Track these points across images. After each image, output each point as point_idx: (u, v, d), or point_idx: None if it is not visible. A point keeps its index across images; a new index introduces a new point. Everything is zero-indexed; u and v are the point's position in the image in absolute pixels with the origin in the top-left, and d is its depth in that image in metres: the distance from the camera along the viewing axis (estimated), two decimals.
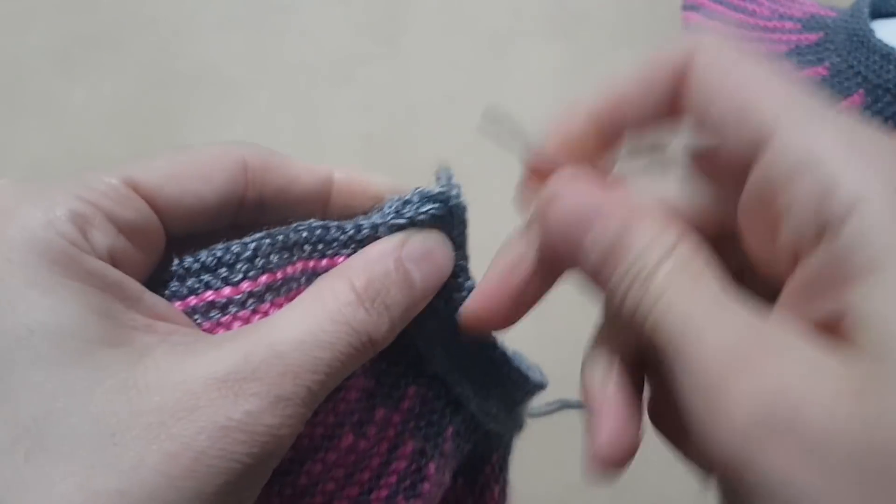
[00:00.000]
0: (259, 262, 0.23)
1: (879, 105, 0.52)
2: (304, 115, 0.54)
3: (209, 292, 0.22)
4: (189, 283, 0.23)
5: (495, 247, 0.53)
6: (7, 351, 0.19)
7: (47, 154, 0.51)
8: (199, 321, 0.22)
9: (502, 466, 0.30)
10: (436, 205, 0.25)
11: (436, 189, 0.25)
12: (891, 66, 0.51)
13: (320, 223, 0.24)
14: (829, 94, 0.54)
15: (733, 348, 0.18)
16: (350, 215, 0.25)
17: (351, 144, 0.53)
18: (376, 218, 0.24)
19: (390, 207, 0.24)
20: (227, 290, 0.22)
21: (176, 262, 0.23)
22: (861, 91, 0.52)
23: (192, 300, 0.22)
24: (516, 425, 0.30)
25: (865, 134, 0.18)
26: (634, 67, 0.23)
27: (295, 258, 0.23)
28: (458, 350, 0.26)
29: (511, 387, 0.28)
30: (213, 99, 0.54)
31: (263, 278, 0.23)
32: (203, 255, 0.23)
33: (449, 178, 0.26)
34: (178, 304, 0.22)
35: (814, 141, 0.18)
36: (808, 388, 0.16)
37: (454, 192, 0.25)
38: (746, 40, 0.57)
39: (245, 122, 0.53)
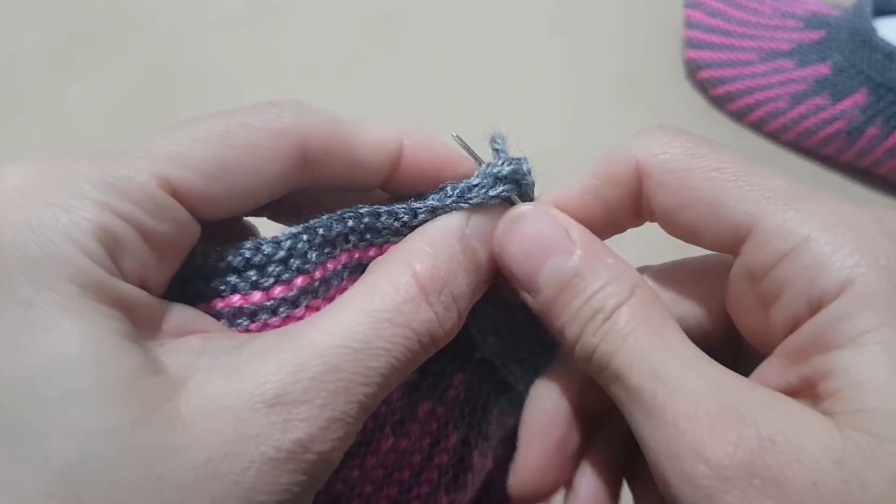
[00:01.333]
0: (294, 262, 0.20)
1: (882, 103, 0.52)
2: None
3: (237, 296, 0.20)
4: (214, 283, 0.20)
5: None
6: (35, 385, 0.16)
7: (44, 153, 0.51)
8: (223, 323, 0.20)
9: None
10: (507, 186, 0.22)
11: (505, 167, 0.22)
12: (893, 65, 0.51)
13: (369, 209, 0.21)
14: (831, 92, 0.53)
15: (713, 400, 0.18)
16: (412, 188, 0.22)
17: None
18: (434, 200, 0.21)
19: (453, 191, 0.21)
20: (256, 296, 0.20)
21: (200, 258, 0.20)
22: (864, 89, 0.52)
23: (218, 303, 0.20)
24: None
25: (847, 211, 0.19)
26: (584, 185, 0.22)
27: (338, 251, 0.21)
28: (510, 332, 0.24)
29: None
30: (211, 98, 0.54)
31: (298, 281, 0.20)
32: (231, 254, 0.20)
33: (504, 149, 0.23)
34: (201, 305, 0.20)
35: (797, 226, 0.19)
36: (792, 447, 0.17)
37: (525, 169, 0.23)
38: (747, 39, 0.56)
39: None
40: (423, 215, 0.21)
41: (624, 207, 0.21)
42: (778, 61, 0.55)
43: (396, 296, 0.19)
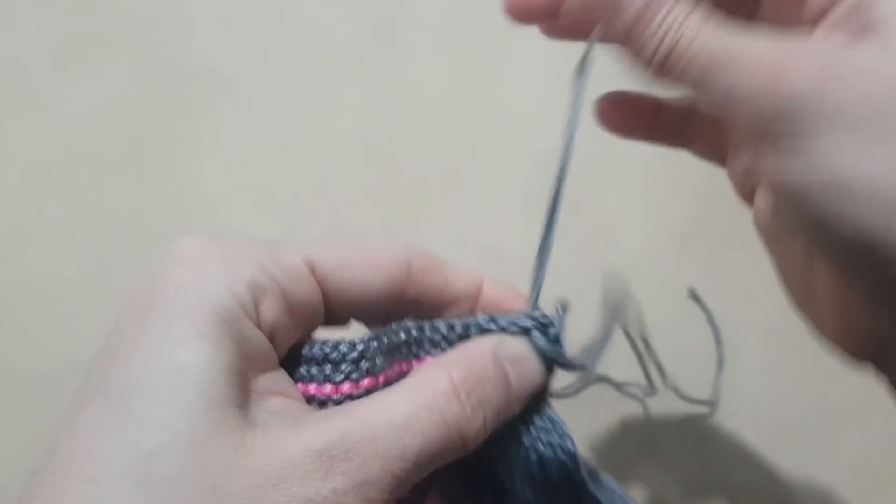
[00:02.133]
0: (364, 364, 0.24)
1: None
2: (304, 114, 0.54)
3: (312, 385, 0.24)
4: (298, 367, 0.24)
5: (498, 245, 0.53)
6: (152, 385, 0.20)
7: (44, 153, 0.51)
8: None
9: None
10: (534, 329, 0.25)
11: (540, 315, 0.26)
12: None
13: (415, 323, 0.24)
14: None
15: (779, 46, 0.23)
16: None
17: (351, 144, 0.53)
18: (469, 319, 0.25)
19: (488, 318, 0.25)
20: (327, 388, 0.23)
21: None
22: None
23: (300, 387, 0.24)
24: None
25: None
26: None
27: (400, 358, 0.24)
28: (543, 485, 0.26)
29: None
30: (211, 98, 0.54)
31: (365, 382, 0.24)
32: (315, 346, 0.24)
33: (560, 317, 0.26)
34: (312, 387, 0.24)
35: None
36: (850, 55, 0.22)
37: (555, 328, 0.26)
38: None
39: (244, 121, 0.53)
40: (458, 329, 0.25)
41: None
42: None
43: (434, 390, 0.23)
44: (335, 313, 0.26)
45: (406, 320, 0.25)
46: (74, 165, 0.51)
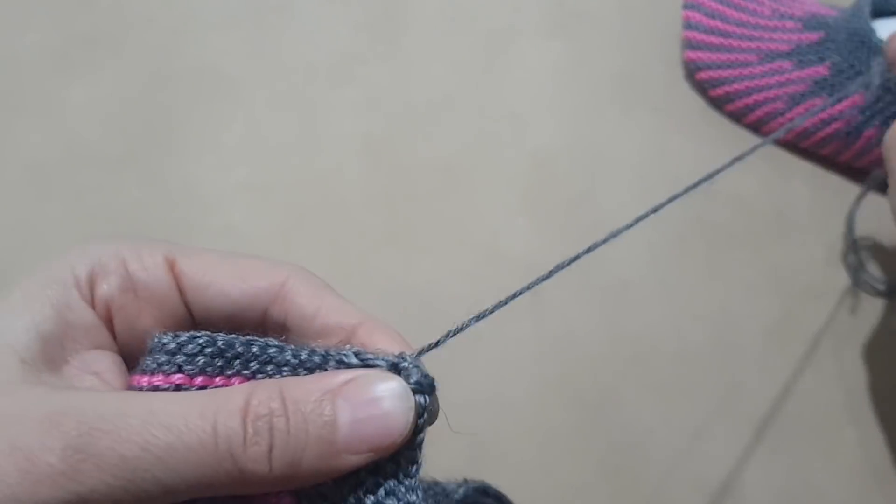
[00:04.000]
0: (199, 360, 0.21)
1: (880, 104, 0.52)
2: (304, 114, 0.54)
3: (150, 376, 0.22)
4: (146, 359, 0.22)
5: (495, 245, 0.53)
6: None
7: (46, 153, 0.51)
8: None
9: None
10: (403, 372, 0.21)
11: (414, 362, 0.21)
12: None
13: (277, 344, 0.22)
14: (830, 93, 0.53)
15: None
16: None
17: (351, 144, 0.53)
18: (332, 349, 0.21)
19: (353, 351, 0.21)
20: (157, 378, 0.21)
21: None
22: (862, 90, 0.52)
23: (135, 378, 0.22)
24: None
25: None
26: None
27: (238, 371, 0.21)
28: None
29: None
30: (212, 98, 0.54)
31: (198, 380, 0.21)
32: (163, 336, 0.22)
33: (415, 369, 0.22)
34: (134, 378, 0.22)
35: None
36: None
37: (429, 380, 0.22)
38: (746, 40, 0.56)
39: (244, 121, 0.53)
40: (317, 358, 0.21)
41: None
42: (776, 62, 0.55)
43: (224, 400, 0.19)
44: (199, 318, 0.24)
45: (269, 340, 0.22)
46: (75, 165, 0.51)
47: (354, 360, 0.21)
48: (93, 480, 0.17)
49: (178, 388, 0.21)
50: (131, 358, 0.23)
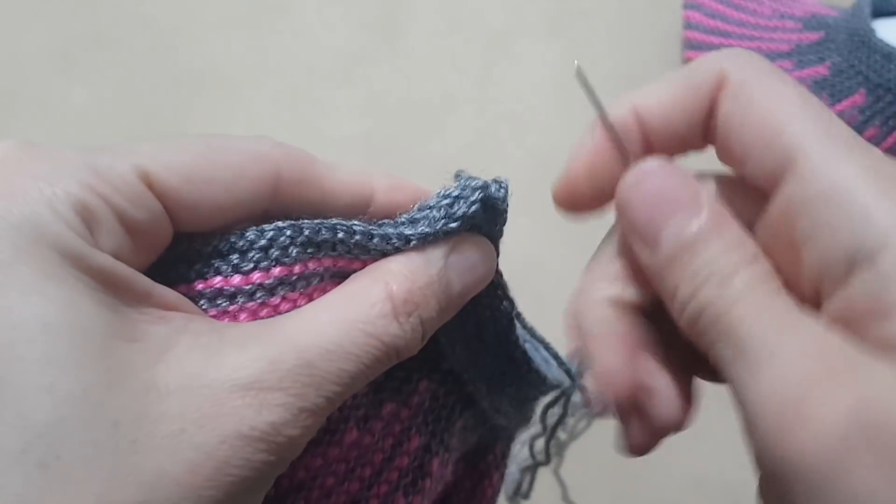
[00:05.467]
0: (273, 252, 0.21)
1: (881, 104, 0.52)
2: (304, 114, 0.54)
3: (218, 278, 0.21)
4: (197, 266, 0.21)
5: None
6: (14, 346, 0.17)
7: None
8: (204, 307, 0.21)
9: (504, 454, 0.30)
10: (479, 203, 0.23)
11: (480, 186, 0.23)
12: (892, 66, 0.51)
13: (363, 230, 0.22)
14: (830, 93, 0.53)
15: (816, 361, 0.18)
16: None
17: (351, 144, 0.53)
18: (424, 226, 0.22)
19: (439, 212, 0.22)
20: (236, 279, 0.21)
21: (185, 243, 0.21)
22: (862, 90, 0.52)
23: (199, 284, 0.21)
24: (524, 420, 0.29)
25: (892, 166, 0.19)
26: (665, 90, 0.22)
27: (322, 254, 0.22)
28: (479, 347, 0.25)
29: (526, 385, 0.28)
30: (213, 98, 0.54)
31: (276, 271, 0.21)
32: (216, 239, 0.21)
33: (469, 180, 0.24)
34: (182, 286, 0.21)
35: (842, 170, 0.19)
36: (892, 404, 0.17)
37: (501, 190, 0.24)
38: (746, 40, 0.56)
39: (245, 121, 0.53)
40: (414, 242, 0.22)
41: (698, 118, 0.22)
42: (777, 62, 0.55)
43: (371, 310, 0.21)
44: (185, 229, 0.21)
45: (353, 224, 0.22)
46: None
47: (429, 222, 0.23)
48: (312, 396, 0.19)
49: (281, 281, 0.21)
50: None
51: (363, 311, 0.20)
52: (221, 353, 0.19)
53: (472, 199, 0.23)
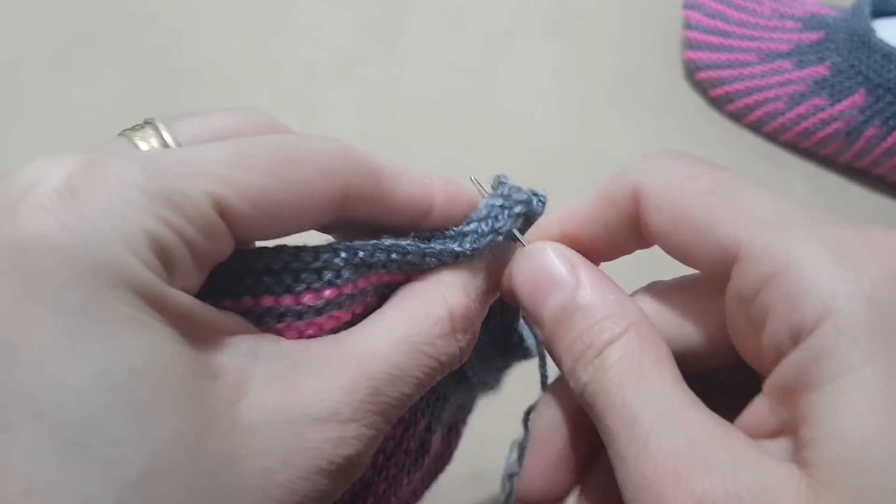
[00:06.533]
0: (326, 275, 0.21)
1: (880, 104, 0.52)
2: (304, 114, 0.54)
3: (269, 298, 0.21)
4: (247, 281, 0.20)
5: None
6: (101, 394, 0.16)
7: (45, 153, 0.51)
8: (250, 321, 0.21)
9: (470, 410, 0.32)
10: (522, 217, 0.24)
11: (524, 201, 0.24)
12: (892, 66, 0.51)
13: (415, 249, 0.22)
14: (830, 92, 0.53)
15: (683, 453, 0.18)
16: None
17: (351, 144, 0.53)
18: (472, 243, 0.23)
19: (486, 225, 0.23)
20: (286, 300, 0.21)
21: (234, 256, 0.20)
22: (862, 90, 0.52)
23: (248, 301, 0.20)
24: (497, 384, 0.31)
25: (834, 235, 0.18)
26: (587, 207, 0.23)
27: (372, 273, 0.22)
28: (484, 332, 0.26)
29: (513, 359, 0.29)
30: (212, 98, 0.54)
31: (327, 293, 0.21)
32: (268, 256, 0.21)
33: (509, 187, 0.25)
34: (229, 301, 0.20)
35: (784, 248, 0.18)
36: None
37: (540, 205, 0.25)
38: (746, 40, 0.56)
39: None
40: (464, 259, 0.23)
41: (623, 229, 0.22)
42: (777, 62, 0.55)
43: (433, 329, 0.21)
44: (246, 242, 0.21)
45: (405, 243, 0.22)
46: None
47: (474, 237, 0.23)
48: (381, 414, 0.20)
49: (330, 301, 0.21)
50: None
51: (425, 332, 0.21)
52: (297, 384, 0.19)
53: (517, 211, 0.24)
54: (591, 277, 0.22)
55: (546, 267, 0.22)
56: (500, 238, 0.23)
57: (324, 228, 0.23)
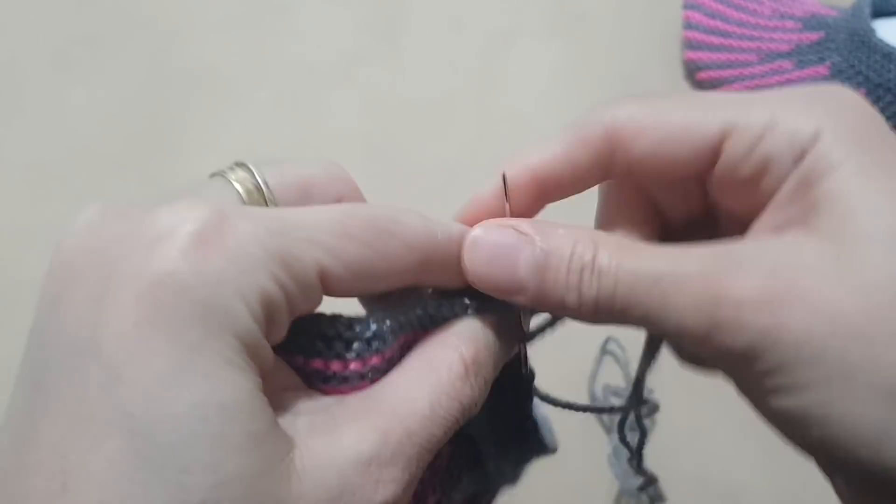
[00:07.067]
0: (374, 344, 0.23)
1: (881, 104, 0.52)
2: (304, 114, 0.54)
3: (319, 361, 0.22)
4: (301, 341, 0.22)
5: None
6: (190, 422, 0.18)
7: (46, 154, 0.51)
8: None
9: (489, 502, 0.32)
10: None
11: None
12: (892, 66, 0.51)
13: (443, 309, 0.24)
14: None
15: (711, 267, 0.21)
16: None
17: (351, 144, 0.53)
18: (481, 303, 0.25)
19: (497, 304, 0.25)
20: (335, 365, 0.23)
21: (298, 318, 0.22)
22: (862, 90, 0.52)
23: (299, 359, 0.22)
24: (516, 479, 0.31)
25: (805, 93, 0.23)
26: (554, 149, 0.25)
27: (404, 333, 0.24)
28: (496, 412, 0.27)
29: (529, 450, 0.29)
30: (212, 99, 0.54)
31: (373, 360, 0.23)
32: (324, 322, 0.22)
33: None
34: (281, 354, 0.22)
35: (770, 110, 0.22)
36: (799, 266, 0.20)
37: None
38: (746, 40, 0.56)
39: (245, 121, 0.53)
40: (470, 311, 0.25)
41: (593, 168, 0.24)
42: (777, 62, 0.55)
43: (450, 373, 0.23)
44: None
45: (425, 298, 0.24)
46: (76, 165, 0.51)
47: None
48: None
49: (374, 367, 0.23)
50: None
51: (444, 376, 0.22)
52: (339, 434, 0.21)
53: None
54: (537, 226, 0.24)
55: (497, 240, 0.24)
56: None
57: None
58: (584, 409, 0.30)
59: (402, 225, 0.23)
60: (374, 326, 0.23)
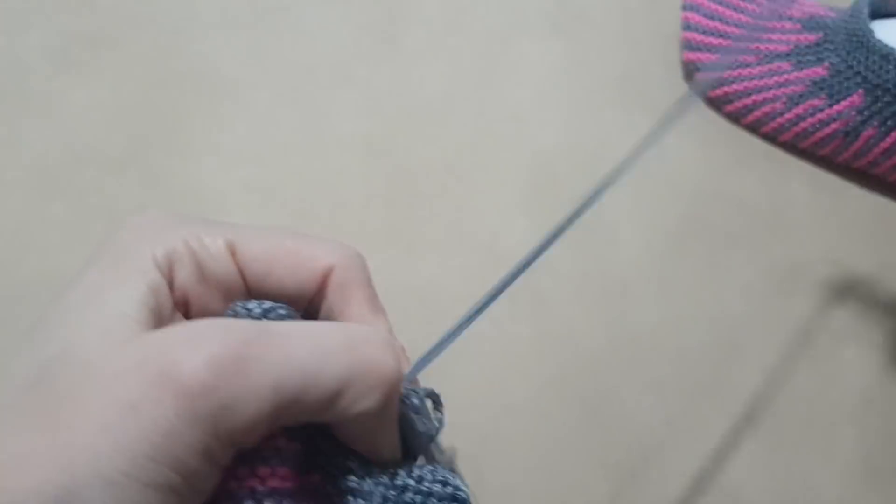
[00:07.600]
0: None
1: (879, 105, 0.52)
2: (304, 114, 0.54)
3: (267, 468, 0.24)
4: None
5: (495, 245, 0.53)
6: (79, 304, 0.23)
7: (46, 153, 0.51)
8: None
9: None
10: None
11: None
12: (890, 67, 0.51)
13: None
14: (828, 93, 0.54)
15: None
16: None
17: (351, 144, 0.53)
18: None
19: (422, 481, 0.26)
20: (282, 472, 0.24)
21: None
22: (861, 91, 0.52)
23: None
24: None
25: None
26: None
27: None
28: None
29: (416, 447, 0.29)
30: (213, 99, 0.54)
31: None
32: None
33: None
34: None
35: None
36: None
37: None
38: (745, 38, 0.56)
39: (245, 122, 0.53)
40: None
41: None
42: (775, 63, 0.56)
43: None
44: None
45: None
46: (77, 166, 0.51)
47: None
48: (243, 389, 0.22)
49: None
50: None
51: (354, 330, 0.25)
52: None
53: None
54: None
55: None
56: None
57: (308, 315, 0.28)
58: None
59: (321, 240, 0.27)
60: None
